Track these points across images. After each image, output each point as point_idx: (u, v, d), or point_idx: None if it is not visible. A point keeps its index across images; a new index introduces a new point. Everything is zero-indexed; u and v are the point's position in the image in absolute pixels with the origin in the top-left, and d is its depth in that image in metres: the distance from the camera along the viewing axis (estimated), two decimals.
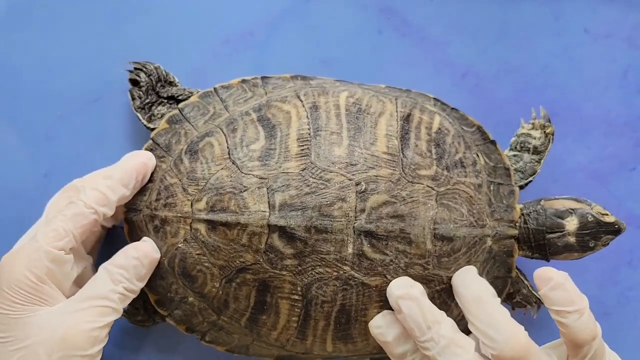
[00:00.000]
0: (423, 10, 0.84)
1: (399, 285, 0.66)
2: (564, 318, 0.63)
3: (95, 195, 0.66)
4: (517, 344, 0.62)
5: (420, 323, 0.64)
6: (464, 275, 0.68)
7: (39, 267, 0.63)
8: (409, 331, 0.65)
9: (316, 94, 0.72)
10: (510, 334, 0.63)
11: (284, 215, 0.66)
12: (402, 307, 0.65)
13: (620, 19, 0.84)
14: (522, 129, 0.79)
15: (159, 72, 0.77)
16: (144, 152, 0.70)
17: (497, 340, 0.62)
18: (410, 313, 0.64)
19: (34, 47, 0.80)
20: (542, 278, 0.64)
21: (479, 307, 0.65)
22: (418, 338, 0.64)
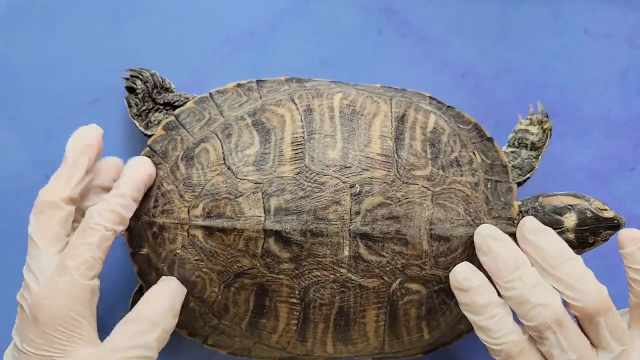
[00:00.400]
0: (423, 10, 0.83)
1: (487, 227, 0.68)
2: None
3: (113, 217, 0.65)
4: (603, 298, 0.64)
5: (509, 262, 0.64)
6: (537, 226, 0.68)
7: (79, 302, 0.63)
8: (495, 272, 0.65)
9: (310, 97, 0.72)
10: (597, 289, 0.64)
11: (280, 220, 0.66)
12: (492, 246, 0.66)
13: (620, 19, 0.84)
14: (520, 125, 0.78)
15: (154, 79, 0.77)
16: (146, 161, 0.70)
17: (586, 294, 0.63)
18: (500, 251, 0.65)
19: (34, 47, 0.81)
20: (629, 237, 0.66)
21: (566, 263, 0.65)
22: (504, 277, 0.64)
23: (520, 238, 0.68)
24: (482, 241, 0.67)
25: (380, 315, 0.69)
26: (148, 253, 0.71)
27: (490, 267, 0.66)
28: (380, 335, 0.71)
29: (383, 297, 0.68)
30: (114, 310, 0.77)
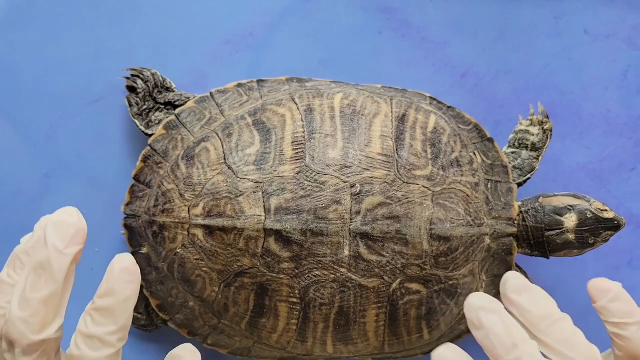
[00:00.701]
0: (423, 10, 0.84)
1: (478, 297, 0.60)
2: (624, 330, 0.61)
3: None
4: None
5: (505, 340, 0.57)
6: (520, 284, 0.62)
7: None
8: (490, 351, 0.58)
9: (311, 97, 0.72)
10: (587, 352, 0.59)
11: (280, 219, 0.66)
12: (484, 320, 0.58)
13: (620, 19, 0.84)
14: (520, 126, 0.78)
15: (155, 78, 0.77)
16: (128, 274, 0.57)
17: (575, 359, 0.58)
18: (494, 327, 0.58)
19: (34, 47, 0.81)
20: (600, 289, 0.63)
21: (553, 326, 0.60)
22: (501, 358, 0.57)
23: (503, 296, 0.62)
24: (472, 315, 0.59)
25: (380, 314, 0.69)
26: (148, 252, 0.71)
27: (484, 343, 0.59)
28: (380, 335, 0.71)
29: (383, 297, 0.68)
30: None
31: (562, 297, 0.80)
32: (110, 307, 0.55)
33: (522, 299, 0.61)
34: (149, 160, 0.72)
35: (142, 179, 0.72)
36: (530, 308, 0.60)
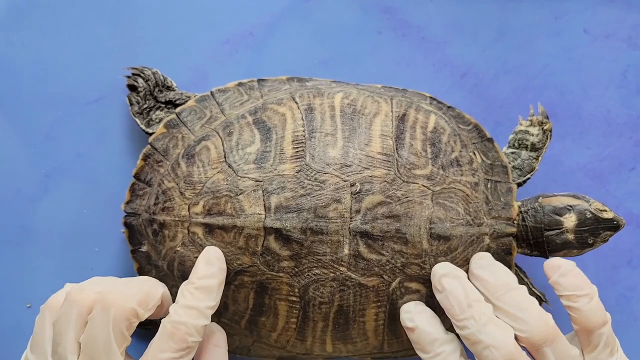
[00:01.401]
0: (423, 10, 0.84)
1: (443, 265, 0.67)
2: (575, 302, 0.64)
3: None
4: (547, 327, 0.63)
5: (461, 300, 0.63)
6: (485, 262, 0.68)
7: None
8: (449, 309, 0.64)
9: (311, 96, 0.72)
10: (541, 318, 0.63)
11: (280, 218, 0.66)
12: (445, 284, 0.65)
13: (620, 19, 0.84)
14: (520, 126, 0.78)
15: (156, 77, 0.77)
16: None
17: (529, 324, 0.62)
18: (453, 289, 0.64)
19: (34, 47, 0.81)
20: (551, 266, 0.66)
21: (508, 293, 0.64)
22: (457, 316, 0.63)
23: (470, 274, 0.68)
24: (436, 280, 0.66)
25: (379, 314, 0.69)
26: (148, 250, 0.71)
27: (444, 305, 0.65)
28: (380, 334, 0.71)
29: (382, 296, 0.68)
30: None
31: None
32: (211, 287, 0.64)
33: (484, 272, 0.66)
34: (149, 158, 0.72)
35: (143, 177, 0.72)
36: (489, 279, 0.66)
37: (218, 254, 0.66)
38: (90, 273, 0.78)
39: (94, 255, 0.79)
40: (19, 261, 0.78)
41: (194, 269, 0.65)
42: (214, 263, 0.65)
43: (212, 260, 0.65)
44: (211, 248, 0.67)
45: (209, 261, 0.65)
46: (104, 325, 0.60)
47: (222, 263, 0.66)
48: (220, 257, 0.66)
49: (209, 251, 0.66)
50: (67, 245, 0.79)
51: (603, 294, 0.81)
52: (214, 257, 0.66)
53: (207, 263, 0.65)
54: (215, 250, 0.66)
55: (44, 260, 0.79)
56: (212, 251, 0.66)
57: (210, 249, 0.66)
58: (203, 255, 0.66)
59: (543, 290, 0.79)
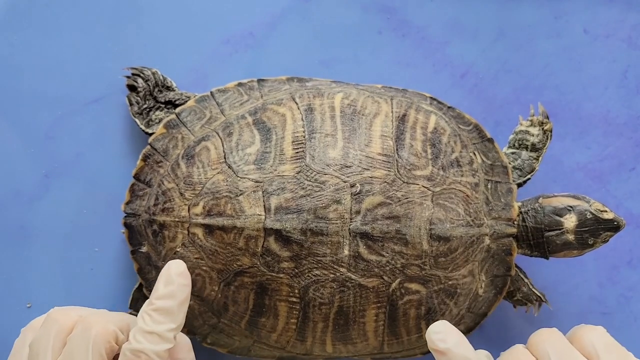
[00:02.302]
0: (423, 10, 0.84)
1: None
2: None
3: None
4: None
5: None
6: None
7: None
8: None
9: (311, 96, 0.72)
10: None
11: (280, 219, 0.66)
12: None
13: (620, 19, 0.84)
14: (520, 126, 0.78)
15: (156, 77, 0.77)
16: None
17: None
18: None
19: (34, 47, 0.81)
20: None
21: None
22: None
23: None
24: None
25: (379, 314, 0.69)
26: (148, 251, 0.71)
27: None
28: (380, 335, 0.71)
29: (382, 297, 0.68)
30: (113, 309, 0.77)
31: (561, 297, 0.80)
32: (170, 308, 0.59)
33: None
34: (149, 159, 0.72)
35: (143, 178, 0.72)
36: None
37: (180, 269, 0.61)
38: (90, 273, 0.78)
39: (94, 255, 0.79)
40: (19, 261, 0.78)
41: (154, 286, 0.61)
42: (174, 281, 0.60)
43: (172, 277, 0.60)
44: (173, 262, 0.62)
45: (169, 279, 0.60)
46: (84, 345, 0.58)
47: (185, 279, 0.61)
48: (183, 273, 0.61)
49: (170, 267, 0.61)
50: (67, 245, 0.79)
51: (603, 294, 0.81)
52: (175, 274, 0.61)
53: (167, 281, 0.60)
54: (178, 265, 0.61)
55: (44, 260, 0.79)
56: (173, 267, 0.61)
57: (172, 264, 0.61)
58: (164, 271, 0.61)
59: (543, 290, 0.79)
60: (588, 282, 0.82)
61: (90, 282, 0.78)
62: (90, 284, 0.78)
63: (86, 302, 0.78)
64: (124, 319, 0.61)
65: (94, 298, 0.78)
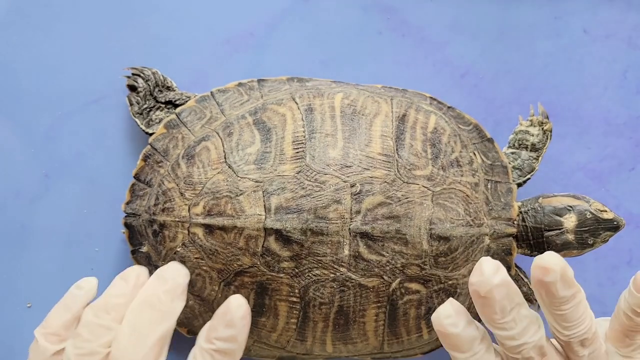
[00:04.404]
0: (423, 10, 0.84)
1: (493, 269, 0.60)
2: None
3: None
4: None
5: (505, 306, 0.60)
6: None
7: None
8: (489, 314, 0.61)
9: (311, 96, 0.72)
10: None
11: (280, 218, 0.66)
12: (497, 294, 0.60)
13: (620, 19, 0.84)
14: (520, 126, 0.79)
15: (156, 77, 0.77)
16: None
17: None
18: (502, 298, 0.60)
19: (34, 47, 0.81)
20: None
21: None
22: (497, 320, 0.61)
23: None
24: (487, 289, 0.60)
25: (379, 314, 0.69)
26: (148, 251, 0.71)
27: (485, 311, 0.61)
28: (380, 334, 0.71)
29: (383, 297, 0.68)
30: None
31: None
32: (233, 350, 0.61)
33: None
34: (149, 159, 0.72)
35: (143, 177, 0.72)
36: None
37: (242, 310, 0.61)
38: (90, 273, 0.78)
39: (94, 255, 0.79)
40: (19, 261, 0.78)
41: (212, 323, 0.62)
42: (236, 324, 0.61)
43: (234, 320, 0.61)
44: (235, 300, 0.62)
45: (231, 322, 0.61)
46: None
47: (247, 320, 0.62)
48: (245, 314, 0.61)
49: (231, 306, 0.61)
50: (67, 245, 0.79)
51: (603, 294, 0.81)
52: (238, 317, 0.61)
53: (229, 324, 0.61)
54: (239, 305, 0.61)
55: (44, 260, 0.79)
56: (235, 306, 0.61)
57: (233, 301, 0.61)
58: (224, 309, 0.61)
59: None
60: (588, 282, 0.82)
61: None
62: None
63: None
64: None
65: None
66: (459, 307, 0.63)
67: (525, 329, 0.61)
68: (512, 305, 0.61)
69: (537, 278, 0.60)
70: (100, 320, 0.61)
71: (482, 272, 0.60)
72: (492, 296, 0.60)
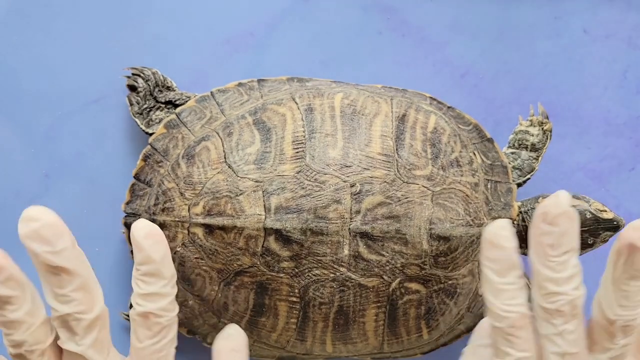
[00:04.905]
0: (423, 10, 0.84)
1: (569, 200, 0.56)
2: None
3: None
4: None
5: (563, 244, 0.55)
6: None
7: None
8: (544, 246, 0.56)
9: (311, 96, 0.72)
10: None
11: (280, 218, 0.66)
12: (563, 223, 0.55)
13: (620, 19, 0.84)
14: (520, 126, 0.78)
15: (156, 77, 0.77)
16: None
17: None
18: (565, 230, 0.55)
19: (34, 47, 0.81)
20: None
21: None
22: (549, 255, 0.56)
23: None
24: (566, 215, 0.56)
25: (379, 314, 0.69)
26: None
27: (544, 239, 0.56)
28: (380, 334, 0.71)
29: (382, 297, 0.68)
30: (113, 310, 0.77)
31: None
32: (154, 270, 0.57)
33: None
34: (149, 159, 0.72)
35: (143, 177, 0.72)
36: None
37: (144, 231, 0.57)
38: None
39: (94, 255, 0.79)
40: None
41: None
42: (143, 246, 0.57)
43: (140, 244, 0.57)
44: (136, 227, 0.57)
45: (138, 246, 0.57)
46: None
47: (153, 236, 0.57)
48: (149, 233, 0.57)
49: (135, 233, 0.57)
50: None
51: None
52: (141, 238, 0.57)
53: (138, 249, 0.57)
54: (140, 227, 0.57)
55: None
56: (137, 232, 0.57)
57: (134, 229, 0.57)
58: (132, 237, 0.57)
59: None
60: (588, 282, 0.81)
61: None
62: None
63: None
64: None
65: None
66: (514, 230, 0.58)
67: (571, 278, 0.57)
68: (569, 247, 0.57)
69: (628, 240, 0.55)
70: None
71: (558, 197, 0.56)
72: (558, 223, 0.55)
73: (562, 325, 0.58)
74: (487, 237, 0.57)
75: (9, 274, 0.58)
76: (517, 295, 0.57)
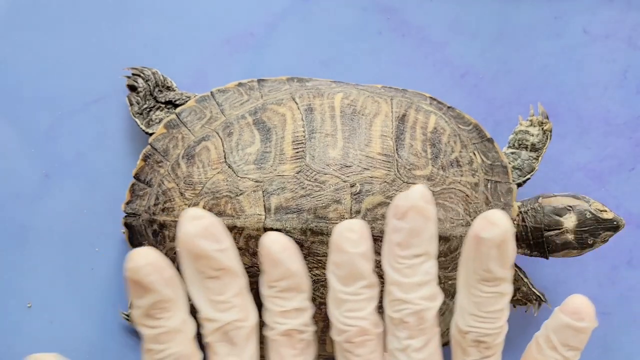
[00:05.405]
0: (423, 10, 0.84)
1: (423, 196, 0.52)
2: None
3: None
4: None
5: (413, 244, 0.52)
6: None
7: None
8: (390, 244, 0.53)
9: (311, 96, 0.72)
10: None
11: (280, 218, 0.66)
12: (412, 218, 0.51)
13: (620, 19, 0.84)
14: (520, 126, 0.78)
15: (156, 77, 0.77)
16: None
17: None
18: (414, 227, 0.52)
19: (34, 47, 0.81)
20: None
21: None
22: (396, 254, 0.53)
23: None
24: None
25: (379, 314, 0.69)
26: None
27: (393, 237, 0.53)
28: None
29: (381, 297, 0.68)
30: (114, 310, 0.77)
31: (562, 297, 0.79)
32: (294, 285, 0.53)
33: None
34: (149, 159, 0.72)
35: (143, 177, 0.72)
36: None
37: (279, 244, 0.53)
38: (90, 273, 0.78)
39: (94, 255, 0.79)
40: (19, 261, 0.78)
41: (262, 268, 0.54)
42: (282, 261, 0.53)
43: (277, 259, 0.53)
44: (269, 238, 0.53)
45: (274, 262, 0.53)
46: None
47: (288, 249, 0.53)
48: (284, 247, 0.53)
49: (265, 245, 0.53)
50: (67, 245, 0.79)
51: (603, 294, 0.81)
52: (277, 252, 0.53)
53: (274, 264, 0.53)
54: (273, 241, 0.53)
55: (44, 260, 0.78)
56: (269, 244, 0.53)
57: (269, 239, 0.53)
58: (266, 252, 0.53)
59: (543, 290, 0.79)
60: (588, 282, 0.82)
61: (90, 282, 0.78)
62: (90, 284, 0.78)
63: (86, 302, 0.78)
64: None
65: (94, 298, 0.78)
66: (367, 234, 0.54)
67: (420, 286, 0.52)
68: (421, 251, 0.52)
69: (474, 232, 0.52)
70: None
71: (410, 189, 0.51)
72: (407, 219, 0.51)
73: (406, 340, 0.54)
74: (332, 238, 0.54)
75: (171, 273, 0.52)
76: (360, 308, 0.54)
